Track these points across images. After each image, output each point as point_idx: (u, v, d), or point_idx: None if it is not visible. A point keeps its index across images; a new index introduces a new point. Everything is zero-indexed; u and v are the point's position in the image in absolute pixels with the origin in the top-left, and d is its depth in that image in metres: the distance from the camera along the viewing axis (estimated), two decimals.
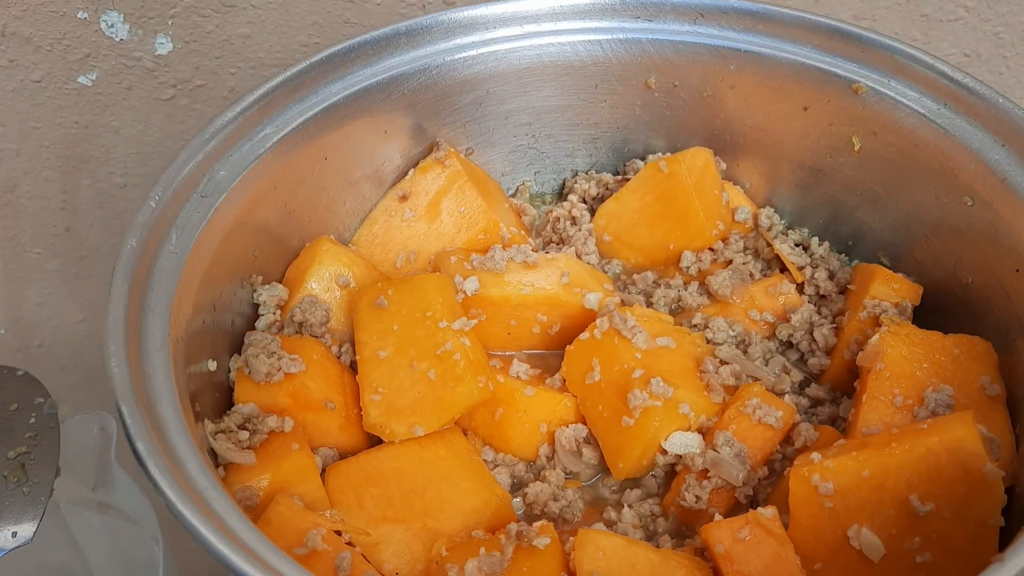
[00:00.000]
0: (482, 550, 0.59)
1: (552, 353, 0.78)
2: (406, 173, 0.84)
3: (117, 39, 1.05)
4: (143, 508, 1.01)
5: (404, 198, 0.82)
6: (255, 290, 0.75)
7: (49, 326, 1.28)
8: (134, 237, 0.62)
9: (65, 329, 1.28)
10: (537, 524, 0.62)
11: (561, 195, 0.91)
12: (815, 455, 0.62)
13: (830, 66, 0.79)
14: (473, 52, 0.81)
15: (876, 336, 0.69)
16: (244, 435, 0.64)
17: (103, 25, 1.04)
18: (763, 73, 0.81)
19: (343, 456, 0.70)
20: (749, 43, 0.81)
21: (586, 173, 0.90)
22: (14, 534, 0.86)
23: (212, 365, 0.68)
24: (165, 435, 0.54)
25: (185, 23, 1.05)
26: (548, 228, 0.86)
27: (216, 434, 0.64)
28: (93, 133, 1.12)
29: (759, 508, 0.62)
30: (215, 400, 0.69)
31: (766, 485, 0.69)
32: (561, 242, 0.85)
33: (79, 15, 1.02)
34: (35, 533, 0.86)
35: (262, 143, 0.73)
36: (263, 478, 0.62)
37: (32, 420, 0.98)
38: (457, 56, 0.81)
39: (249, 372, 0.68)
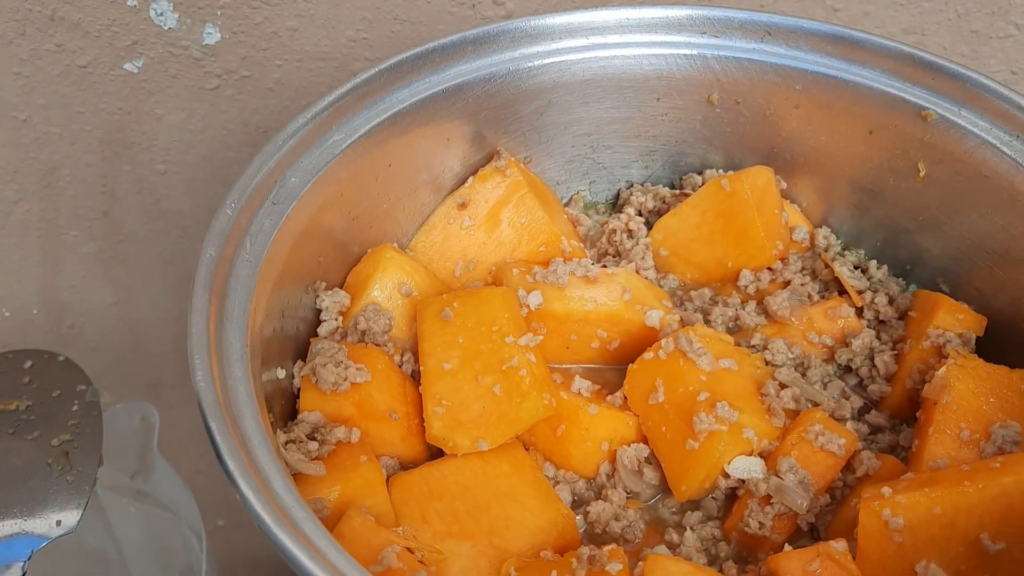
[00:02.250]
0: (554, 573, 0.59)
1: (609, 368, 0.78)
2: (465, 180, 0.84)
3: (165, 27, 1.04)
4: (182, 499, 1.01)
5: (463, 206, 0.82)
6: (318, 296, 0.75)
7: (81, 308, 1.28)
8: (212, 245, 0.62)
9: (97, 312, 1.28)
10: (607, 548, 0.62)
11: (615, 206, 0.91)
12: (885, 489, 0.62)
13: (899, 91, 0.78)
14: (538, 62, 0.81)
15: (943, 368, 0.69)
16: (314, 446, 0.64)
17: (152, 13, 1.03)
18: (829, 95, 0.80)
19: (403, 466, 0.70)
20: (816, 64, 0.80)
21: (641, 185, 0.90)
22: (58, 522, 0.87)
23: (281, 373, 0.68)
24: (250, 450, 0.54)
25: (234, 14, 1.04)
26: (604, 240, 0.86)
27: (287, 444, 0.64)
28: (136, 120, 1.11)
29: (830, 541, 0.62)
30: (281, 407, 0.69)
31: (827, 512, 0.69)
32: (617, 255, 0.85)
33: (129, 3, 1.02)
34: (79, 522, 0.87)
35: (331, 149, 0.73)
36: (333, 490, 0.63)
37: (75, 408, 0.98)
38: (522, 66, 0.80)
39: (316, 381, 0.68)
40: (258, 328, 0.63)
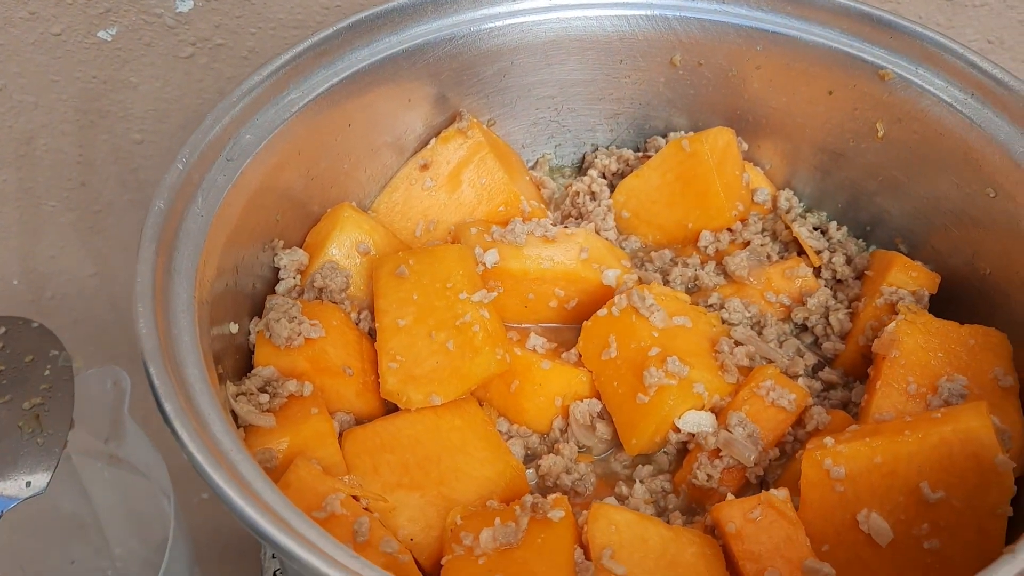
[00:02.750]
0: (497, 520, 0.60)
1: (568, 327, 0.79)
2: (427, 142, 0.84)
3: None
4: (154, 462, 1.01)
5: (425, 167, 0.82)
6: (276, 254, 0.75)
7: (62, 278, 1.28)
8: (161, 199, 0.62)
9: (77, 282, 1.29)
10: (551, 497, 0.63)
11: (581, 169, 0.91)
12: (828, 440, 0.63)
13: (858, 51, 0.78)
14: (500, 23, 0.81)
15: (892, 324, 0.70)
16: (264, 398, 0.65)
17: None
18: (789, 55, 0.81)
19: (359, 422, 0.71)
20: (777, 24, 0.80)
21: (606, 148, 0.90)
22: (28, 484, 0.87)
23: (234, 328, 0.69)
24: (191, 396, 0.54)
25: None
26: (567, 202, 0.86)
27: (237, 396, 0.64)
28: (111, 88, 1.11)
29: (771, 490, 0.63)
30: (235, 362, 0.70)
31: (777, 466, 0.70)
32: (580, 217, 0.85)
33: None
34: (48, 483, 0.87)
35: (288, 108, 0.73)
36: (282, 441, 0.63)
37: (47, 372, 0.99)
38: (484, 27, 0.81)
39: (270, 336, 0.68)
40: (208, 282, 0.64)
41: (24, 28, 1.06)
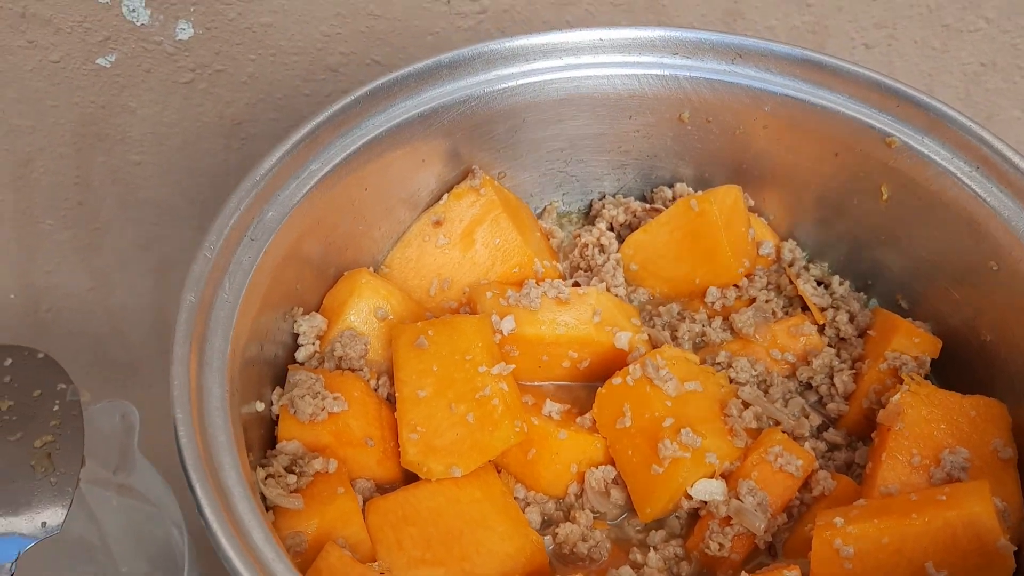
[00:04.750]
0: None
1: (580, 385, 0.81)
2: (440, 197, 0.85)
3: (138, 24, 1.04)
4: (164, 496, 1.03)
5: (438, 223, 0.83)
6: (295, 321, 0.76)
7: (58, 293, 1.29)
8: (192, 291, 0.63)
9: (74, 296, 1.29)
10: None
11: (588, 216, 0.93)
12: (838, 520, 0.66)
13: (865, 117, 0.80)
14: (512, 83, 0.82)
15: (897, 396, 0.72)
16: (292, 479, 0.67)
17: (124, 10, 1.03)
18: (797, 117, 0.82)
19: (379, 487, 0.73)
20: (785, 86, 0.82)
21: (613, 196, 0.92)
22: (44, 524, 0.89)
23: (259, 406, 0.70)
24: (230, 503, 0.56)
25: (207, 10, 1.04)
26: (576, 253, 0.88)
27: (266, 479, 0.66)
28: (110, 113, 1.11)
29: (784, 570, 0.65)
30: (259, 436, 0.71)
31: (784, 530, 0.73)
32: (589, 269, 0.86)
33: (100, 0, 1.01)
34: (63, 523, 0.89)
35: (307, 180, 0.74)
36: (311, 523, 0.65)
37: (56, 408, 1.00)
38: (497, 87, 0.82)
39: (294, 412, 0.70)
40: (237, 365, 0.65)
41: (22, 56, 1.05)
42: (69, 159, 1.15)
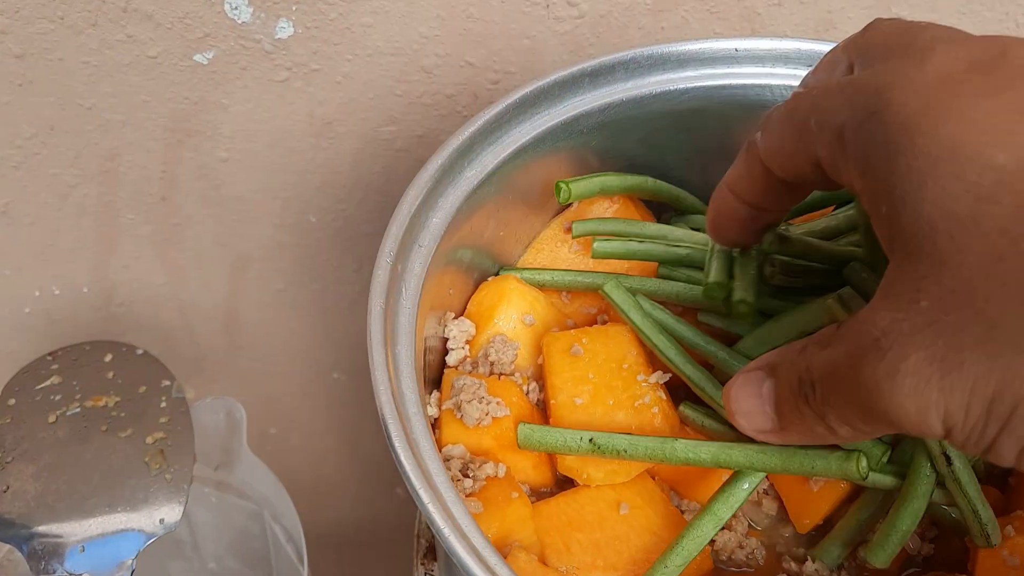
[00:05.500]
0: None
1: None
2: (571, 203, 0.86)
3: (239, 21, 1.04)
4: (274, 493, 1.03)
5: (570, 230, 0.84)
6: (446, 326, 0.77)
7: (132, 287, 1.29)
8: (379, 298, 0.64)
9: (147, 291, 1.30)
10: None
11: None
12: (1009, 529, 0.67)
13: None
14: (649, 92, 0.83)
15: None
16: (468, 483, 0.68)
17: (227, 7, 1.03)
18: None
19: (534, 491, 0.74)
20: None
21: None
22: (162, 520, 0.90)
23: (432, 411, 0.71)
24: (446, 505, 0.57)
25: (309, 9, 1.05)
26: None
27: None
28: (202, 109, 1.11)
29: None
30: None
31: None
32: None
33: None
34: (180, 519, 0.90)
35: (463, 187, 0.75)
36: (492, 527, 0.66)
37: (163, 404, 1.01)
38: (635, 95, 0.83)
39: (461, 416, 0.71)
40: (420, 371, 0.66)
41: (120, 50, 1.05)
42: (156, 154, 1.15)
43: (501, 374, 0.76)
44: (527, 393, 0.77)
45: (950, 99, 0.45)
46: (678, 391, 0.75)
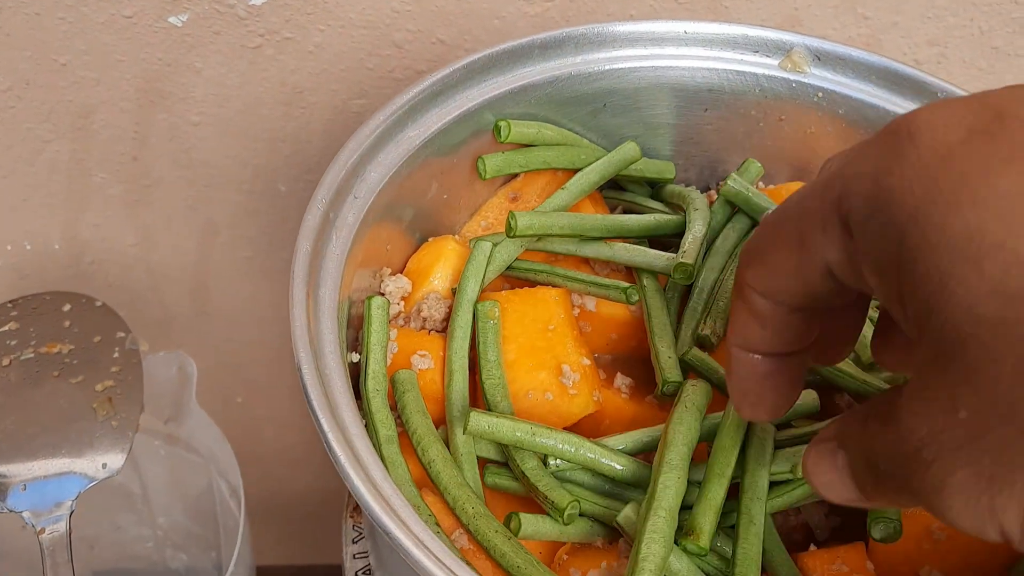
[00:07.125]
0: (603, 563, 0.66)
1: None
2: (517, 174, 0.88)
3: None
4: (219, 447, 1.05)
5: (515, 200, 0.86)
6: (383, 281, 0.79)
7: (102, 246, 1.30)
8: (307, 240, 0.66)
9: (118, 251, 1.31)
10: None
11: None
12: None
13: None
14: (598, 68, 0.85)
15: None
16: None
17: None
18: (870, 122, 0.85)
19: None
20: (861, 91, 0.85)
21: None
22: (104, 465, 0.91)
23: (355, 357, 0.73)
24: (351, 441, 0.58)
25: None
26: None
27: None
28: (175, 71, 1.13)
29: None
30: None
31: None
32: None
33: None
34: (123, 466, 0.92)
35: (406, 145, 0.76)
36: None
37: (116, 355, 1.02)
38: (584, 70, 0.84)
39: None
40: (344, 317, 0.67)
41: (95, 8, 1.07)
42: (129, 114, 1.16)
43: (432, 330, 0.78)
44: None
45: (958, 181, 0.40)
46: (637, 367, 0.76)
